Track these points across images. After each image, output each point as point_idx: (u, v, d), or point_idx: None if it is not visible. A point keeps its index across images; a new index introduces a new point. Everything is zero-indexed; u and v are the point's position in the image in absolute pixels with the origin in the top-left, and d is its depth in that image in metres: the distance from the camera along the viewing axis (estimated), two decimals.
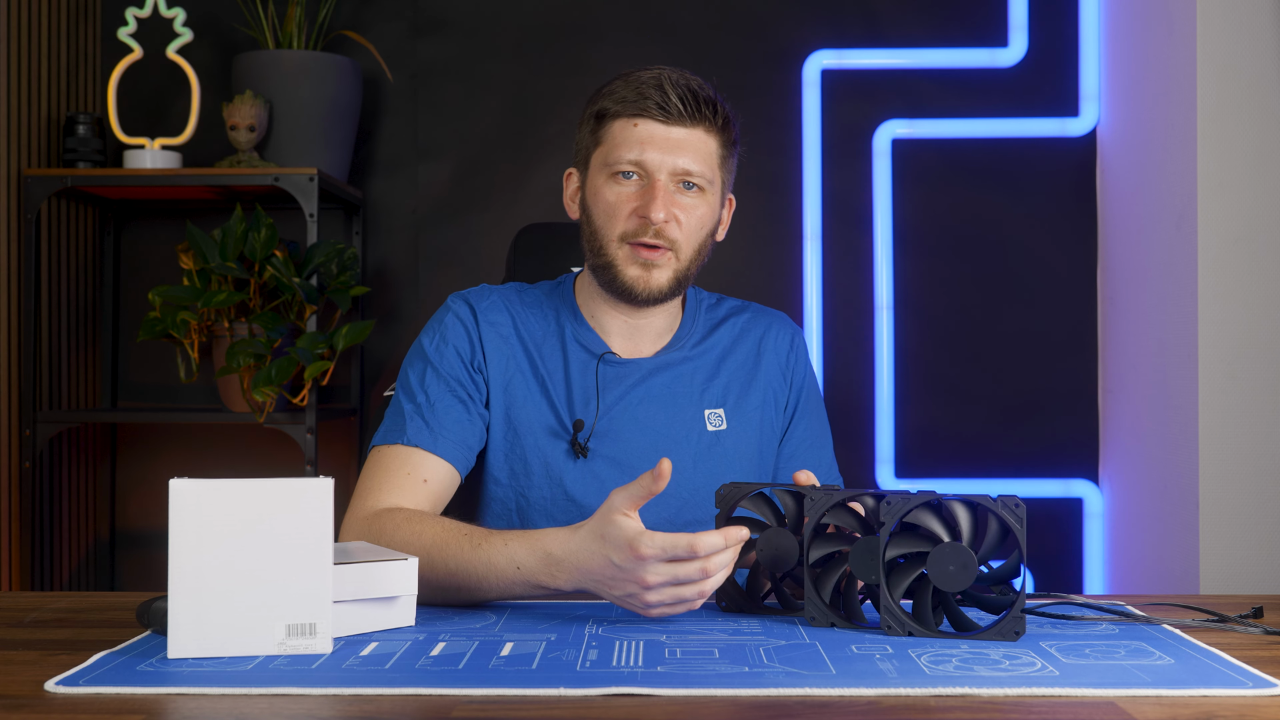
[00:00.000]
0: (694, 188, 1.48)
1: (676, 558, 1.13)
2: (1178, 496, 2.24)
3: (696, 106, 1.46)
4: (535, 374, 1.52)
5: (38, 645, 1.10)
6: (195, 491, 1.02)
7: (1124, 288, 2.58)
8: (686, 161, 1.46)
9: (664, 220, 1.45)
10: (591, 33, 2.80)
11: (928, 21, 2.77)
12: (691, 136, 1.47)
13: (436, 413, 1.46)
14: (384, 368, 2.82)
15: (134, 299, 2.82)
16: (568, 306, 1.56)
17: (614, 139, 1.48)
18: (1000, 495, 1.11)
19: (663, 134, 1.46)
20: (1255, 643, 1.13)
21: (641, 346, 1.56)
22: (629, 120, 1.47)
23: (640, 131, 1.46)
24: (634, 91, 1.47)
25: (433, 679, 0.97)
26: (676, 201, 1.47)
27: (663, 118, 1.46)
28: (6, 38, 2.46)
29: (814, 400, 1.64)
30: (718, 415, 1.55)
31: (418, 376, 1.50)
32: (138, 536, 2.82)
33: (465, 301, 1.55)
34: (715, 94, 1.49)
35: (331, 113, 2.63)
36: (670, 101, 1.45)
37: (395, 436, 1.46)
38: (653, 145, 1.46)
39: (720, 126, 1.49)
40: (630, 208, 1.46)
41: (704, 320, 1.60)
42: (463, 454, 1.47)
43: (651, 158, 1.46)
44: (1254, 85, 2.13)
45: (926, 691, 0.94)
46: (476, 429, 1.49)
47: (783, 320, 1.65)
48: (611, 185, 1.48)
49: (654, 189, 1.45)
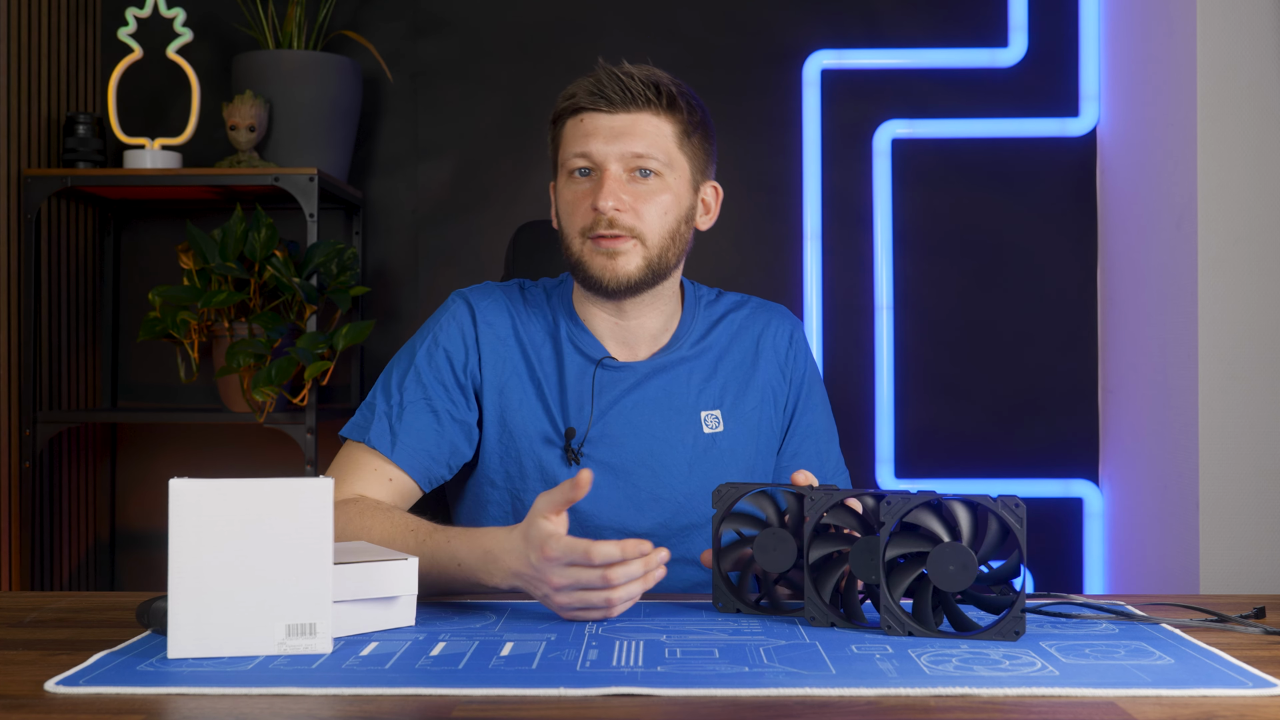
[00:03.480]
0: (650, 173, 1.47)
1: (574, 563, 1.16)
2: (1178, 496, 2.24)
3: (640, 91, 1.46)
4: (532, 377, 1.52)
5: (38, 645, 1.10)
6: (195, 491, 1.02)
7: (1124, 288, 2.58)
8: (634, 145, 1.45)
9: (613, 208, 1.44)
10: (591, 33, 2.80)
11: (928, 21, 2.77)
12: (638, 120, 1.46)
13: (404, 421, 1.48)
14: (384, 368, 2.82)
15: (134, 299, 2.82)
16: (565, 308, 1.56)
17: (565, 138, 1.49)
18: (1000, 495, 1.11)
19: (606, 123, 1.46)
20: (1255, 643, 1.13)
21: (637, 349, 1.55)
22: (575, 117, 1.48)
23: (585, 125, 1.47)
24: (579, 89, 1.48)
25: (433, 679, 0.97)
26: (629, 189, 1.46)
27: (606, 106, 1.46)
28: (6, 38, 2.46)
29: (817, 395, 1.63)
30: (714, 417, 1.54)
31: (399, 376, 1.52)
32: (138, 536, 2.82)
33: (466, 301, 1.55)
34: (666, 79, 1.48)
35: (331, 113, 2.63)
36: (606, 90, 1.45)
37: (360, 434, 1.49)
38: (597, 136, 1.46)
39: (667, 106, 1.47)
40: (587, 203, 1.47)
41: (703, 317, 1.59)
42: (422, 465, 1.48)
43: (596, 148, 1.46)
44: (1254, 85, 2.13)
45: (926, 691, 0.94)
46: (446, 441, 1.49)
47: (782, 314, 1.63)
48: (569, 184, 1.49)
49: (603, 179, 1.45)
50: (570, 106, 1.48)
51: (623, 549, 1.15)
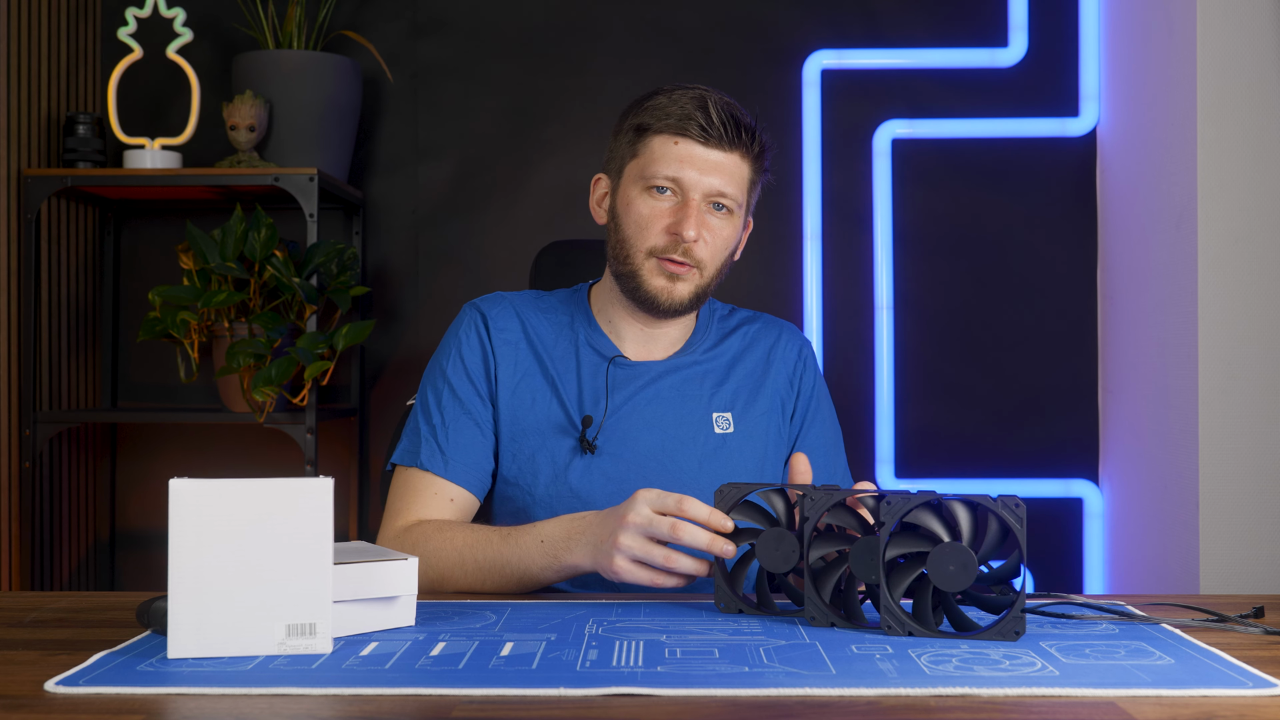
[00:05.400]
0: (723, 209, 1.51)
1: (665, 508, 1.25)
2: (1178, 496, 2.24)
3: (737, 132, 1.50)
4: (545, 375, 1.56)
5: (38, 645, 1.10)
6: (195, 491, 1.02)
7: (1124, 288, 2.58)
8: (721, 183, 1.50)
9: (694, 239, 1.48)
10: (591, 33, 2.80)
11: (928, 21, 2.77)
12: (728, 160, 1.50)
13: (450, 437, 1.52)
14: (384, 368, 2.82)
15: (134, 299, 2.82)
16: (582, 313, 1.61)
17: (653, 153, 1.50)
18: (1000, 495, 1.11)
19: (702, 155, 1.49)
20: (1255, 643, 1.13)
21: (654, 352, 1.60)
22: (670, 137, 1.50)
23: (680, 150, 1.49)
24: (678, 109, 1.49)
25: (433, 679, 0.97)
26: (706, 222, 1.50)
27: (703, 139, 1.49)
28: (6, 38, 2.46)
29: (825, 409, 1.67)
30: (725, 419, 1.58)
31: (435, 396, 1.56)
32: (138, 536, 2.82)
33: (477, 310, 1.60)
34: (754, 122, 1.53)
35: (331, 113, 2.63)
36: (713, 124, 1.48)
37: (411, 459, 1.53)
38: (691, 164, 1.49)
39: (755, 154, 1.53)
40: (663, 223, 1.50)
41: (716, 329, 1.64)
42: (477, 477, 1.53)
43: (689, 176, 1.49)
44: (1254, 85, 2.13)
45: (926, 691, 0.94)
46: (490, 448, 1.55)
47: (792, 331, 1.69)
48: (645, 198, 1.51)
49: (688, 207, 1.49)
50: (668, 127, 1.49)
51: (711, 513, 1.23)
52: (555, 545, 1.34)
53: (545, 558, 1.35)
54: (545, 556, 1.35)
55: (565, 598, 1.35)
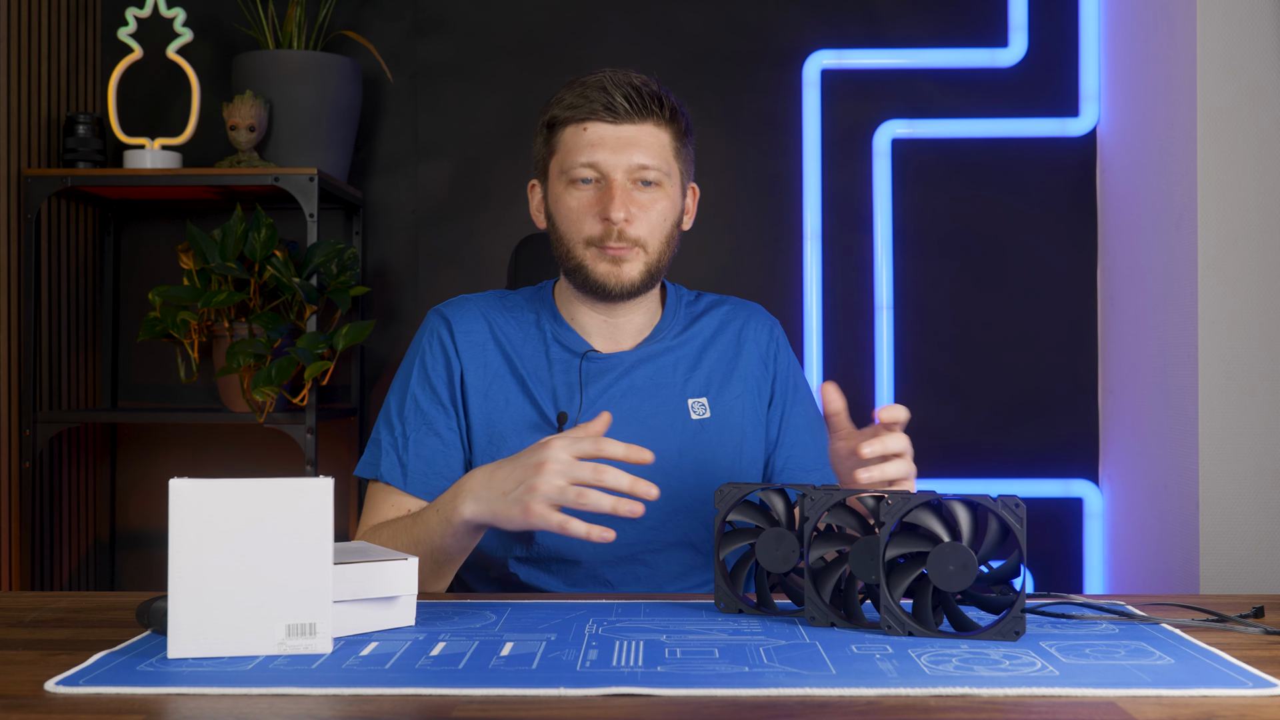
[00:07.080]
0: (651, 183, 1.51)
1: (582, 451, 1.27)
2: (1178, 496, 2.24)
3: (642, 103, 1.50)
4: (514, 374, 1.56)
5: (38, 645, 1.10)
6: (195, 491, 1.02)
7: (1124, 288, 2.58)
8: (640, 157, 1.49)
9: (624, 219, 1.48)
10: (591, 33, 2.80)
11: (928, 21, 2.77)
12: (641, 132, 1.50)
13: (411, 450, 1.53)
14: (384, 368, 2.82)
15: (134, 299, 2.82)
16: (548, 309, 1.61)
17: (566, 145, 1.52)
18: (1000, 495, 1.11)
19: (613, 134, 1.49)
20: (1255, 643, 1.13)
21: (622, 343, 1.59)
22: (578, 125, 1.51)
23: (590, 134, 1.50)
24: (580, 96, 1.50)
25: (433, 679, 0.97)
26: (635, 199, 1.50)
27: (610, 118, 1.49)
28: (6, 38, 2.46)
29: (802, 388, 1.67)
30: (701, 404, 1.58)
31: (398, 407, 1.56)
32: (138, 536, 2.82)
33: (441, 316, 1.60)
34: (661, 88, 1.53)
35: (331, 113, 2.63)
36: (615, 101, 1.49)
37: (371, 471, 1.55)
38: (604, 146, 1.49)
39: (668, 119, 1.52)
40: (592, 212, 1.50)
41: (685, 313, 1.64)
42: (437, 487, 1.52)
43: (604, 158, 1.49)
44: (1254, 85, 2.13)
45: (926, 691, 0.94)
46: (455, 459, 1.55)
47: (761, 312, 1.69)
48: (571, 192, 1.52)
49: (611, 190, 1.49)
50: (574, 116, 1.50)
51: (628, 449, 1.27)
52: (445, 507, 1.35)
53: (442, 524, 1.36)
54: (441, 522, 1.36)
55: (566, 598, 1.35)
